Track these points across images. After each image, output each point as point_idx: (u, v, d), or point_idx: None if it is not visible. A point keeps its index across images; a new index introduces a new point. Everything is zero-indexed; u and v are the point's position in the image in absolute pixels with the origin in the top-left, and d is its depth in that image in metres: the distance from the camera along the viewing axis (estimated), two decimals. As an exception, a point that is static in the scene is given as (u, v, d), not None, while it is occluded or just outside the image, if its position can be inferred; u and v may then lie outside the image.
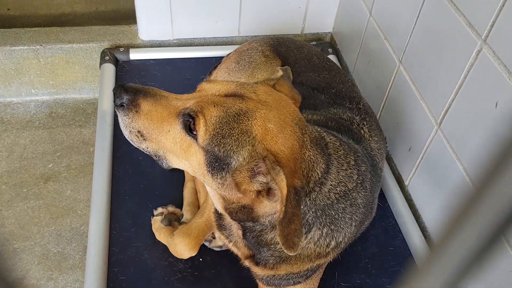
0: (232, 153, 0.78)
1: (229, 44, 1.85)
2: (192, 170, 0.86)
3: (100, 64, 1.70)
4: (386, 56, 1.46)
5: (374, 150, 1.10)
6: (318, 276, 1.07)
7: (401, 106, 1.39)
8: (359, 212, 0.96)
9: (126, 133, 0.89)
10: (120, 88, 0.86)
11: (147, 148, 0.89)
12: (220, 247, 1.19)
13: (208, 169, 0.81)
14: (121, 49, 1.74)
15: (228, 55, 1.43)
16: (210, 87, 0.85)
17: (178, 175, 1.33)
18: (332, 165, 0.89)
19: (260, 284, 1.06)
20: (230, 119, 0.78)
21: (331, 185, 0.88)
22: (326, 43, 1.89)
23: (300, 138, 0.81)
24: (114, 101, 0.87)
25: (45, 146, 1.68)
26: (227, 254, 1.14)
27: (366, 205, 0.99)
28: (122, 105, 0.86)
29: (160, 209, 1.24)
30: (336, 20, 1.90)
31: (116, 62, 1.71)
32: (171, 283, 1.14)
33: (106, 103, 1.55)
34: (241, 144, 0.78)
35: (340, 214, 0.91)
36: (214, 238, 1.19)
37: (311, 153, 0.83)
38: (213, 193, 0.89)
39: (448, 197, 1.19)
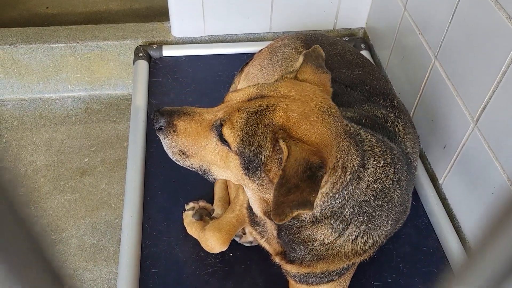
0: (260, 149, 0.79)
1: (260, 41, 1.85)
2: (234, 178, 0.87)
3: (134, 60, 1.73)
4: (421, 51, 1.42)
5: (408, 148, 1.08)
6: (350, 274, 1.06)
7: (436, 103, 1.36)
8: (395, 211, 0.95)
9: (169, 154, 0.93)
10: (156, 113, 0.90)
11: (192, 164, 0.92)
12: (251, 242, 1.19)
13: (245, 172, 0.82)
14: (154, 46, 1.76)
15: (260, 51, 1.43)
16: (235, 96, 0.87)
17: (209, 170, 1.35)
18: (369, 161, 0.88)
19: (291, 281, 1.06)
20: (253, 117, 0.80)
21: (368, 180, 0.87)
22: (358, 39, 1.86)
23: (331, 125, 0.80)
24: (154, 127, 0.91)
25: (81, 141, 1.73)
26: (257, 249, 1.15)
27: (402, 203, 0.98)
28: (161, 129, 0.90)
29: (191, 204, 1.26)
30: (369, 15, 1.87)
31: (149, 58, 1.74)
32: (202, 277, 1.16)
33: (140, 99, 1.58)
34: (265, 137, 0.79)
35: (377, 211, 0.91)
36: (244, 233, 1.19)
37: (345, 144, 0.82)
38: (254, 198, 0.90)
39: (485, 197, 1.15)
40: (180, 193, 1.32)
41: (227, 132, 0.81)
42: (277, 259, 1.02)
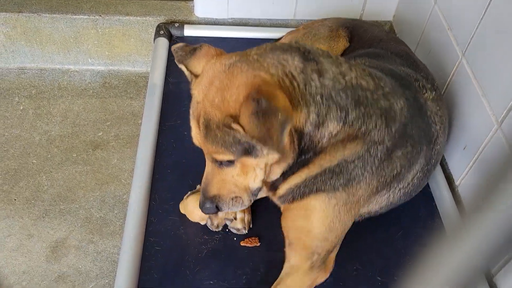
0: (235, 137, 0.91)
1: (283, 27, 1.82)
2: (260, 171, 0.97)
3: (155, 38, 1.72)
4: (448, 48, 1.37)
5: (430, 110, 1.09)
6: (342, 213, 0.99)
7: (460, 102, 1.31)
8: (390, 116, 0.95)
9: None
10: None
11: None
12: (238, 229, 1.17)
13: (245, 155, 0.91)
14: (176, 25, 1.74)
15: (296, 29, 1.52)
16: (196, 139, 0.98)
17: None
18: (317, 58, 0.90)
19: (284, 214, 1.06)
20: (211, 134, 0.92)
21: (332, 71, 0.90)
22: (384, 32, 1.82)
23: (243, 68, 0.86)
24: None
25: (97, 114, 1.73)
26: (261, 234, 1.13)
27: (399, 124, 0.97)
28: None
29: (198, 187, 1.24)
30: (397, 7, 1.81)
31: (170, 37, 1.72)
32: (204, 260, 1.14)
33: (157, 77, 1.56)
34: (227, 132, 0.90)
35: (364, 100, 0.93)
36: (235, 218, 1.17)
37: (270, 61, 0.87)
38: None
39: (502, 202, 1.11)
40: (189, 174, 1.30)
41: (221, 156, 0.91)
42: (274, 198, 1.06)
